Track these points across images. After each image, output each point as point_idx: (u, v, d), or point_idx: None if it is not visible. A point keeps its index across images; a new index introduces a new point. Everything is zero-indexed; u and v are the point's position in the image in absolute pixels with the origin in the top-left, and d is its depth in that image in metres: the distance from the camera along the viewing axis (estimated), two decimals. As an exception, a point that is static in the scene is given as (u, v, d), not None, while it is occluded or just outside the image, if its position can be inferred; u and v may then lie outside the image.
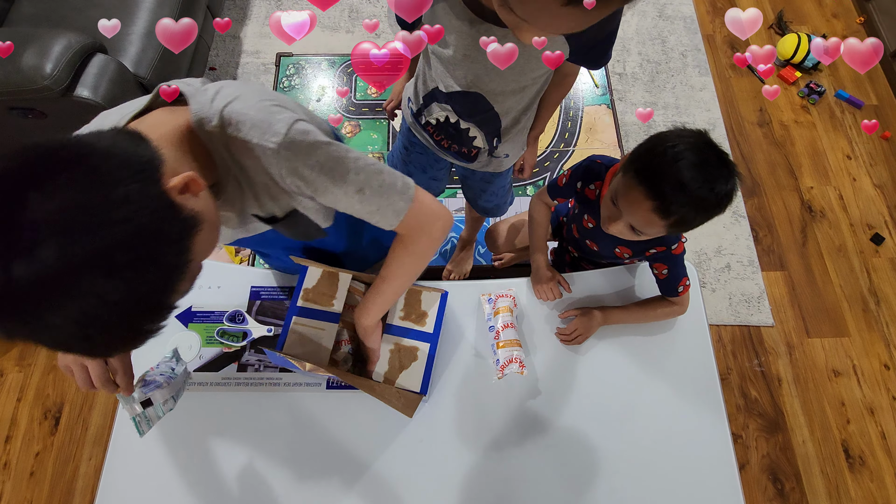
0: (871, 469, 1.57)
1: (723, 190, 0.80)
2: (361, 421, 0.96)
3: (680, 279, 1.00)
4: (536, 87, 0.97)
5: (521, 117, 1.03)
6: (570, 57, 0.86)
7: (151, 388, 0.78)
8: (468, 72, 0.89)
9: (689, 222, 0.83)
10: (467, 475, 0.93)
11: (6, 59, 1.36)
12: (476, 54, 0.85)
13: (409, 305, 0.91)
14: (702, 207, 0.81)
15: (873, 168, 2.05)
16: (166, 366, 0.85)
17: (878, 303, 1.81)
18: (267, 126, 0.60)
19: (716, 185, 0.79)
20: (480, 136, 1.04)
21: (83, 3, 1.68)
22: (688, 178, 0.78)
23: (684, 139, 0.81)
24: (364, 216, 0.71)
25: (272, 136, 0.59)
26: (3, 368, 1.66)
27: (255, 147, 0.60)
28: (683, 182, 0.78)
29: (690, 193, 0.79)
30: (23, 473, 1.53)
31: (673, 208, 0.80)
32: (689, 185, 0.78)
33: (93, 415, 1.60)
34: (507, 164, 1.16)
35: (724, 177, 0.80)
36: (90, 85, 1.44)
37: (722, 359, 1.71)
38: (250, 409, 0.97)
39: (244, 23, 2.31)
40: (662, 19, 2.36)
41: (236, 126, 0.59)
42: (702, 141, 0.82)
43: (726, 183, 0.80)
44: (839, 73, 2.25)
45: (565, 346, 1.03)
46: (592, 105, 2.14)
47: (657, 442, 0.96)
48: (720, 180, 0.80)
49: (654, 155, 0.82)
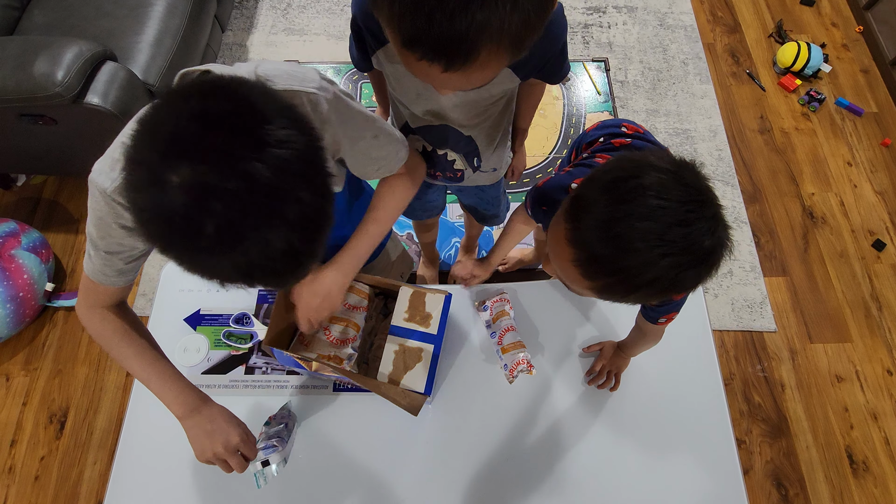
0: (875, 475, 1.57)
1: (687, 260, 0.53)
2: (368, 423, 0.97)
3: (669, 312, 0.82)
4: (500, 106, 0.94)
5: (496, 134, 1.01)
6: (524, 78, 0.85)
7: (269, 451, 0.82)
8: (426, 109, 0.91)
9: (619, 294, 0.58)
10: (473, 475, 0.93)
11: (18, 66, 1.39)
12: (428, 92, 0.86)
13: (413, 307, 0.92)
14: (647, 282, 0.54)
15: (874, 175, 2.06)
16: (279, 422, 0.89)
17: (880, 308, 1.81)
18: (302, 75, 0.65)
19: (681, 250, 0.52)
20: (460, 160, 1.05)
21: (93, 13, 1.71)
22: (638, 234, 0.52)
23: (656, 170, 0.55)
24: (374, 161, 0.80)
25: (309, 82, 0.65)
26: (9, 372, 1.67)
27: (294, 94, 0.64)
28: (630, 238, 0.53)
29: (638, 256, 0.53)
30: (27, 478, 1.54)
31: (595, 270, 0.57)
32: (636, 246, 0.53)
33: (97, 419, 1.61)
34: (497, 175, 1.16)
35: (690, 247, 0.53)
36: (100, 92, 1.46)
37: (725, 364, 1.72)
38: (258, 412, 0.98)
39: (251, 31, 2.34)
40: (663, 28, 2.38)
41: (273, 80, 0.63)
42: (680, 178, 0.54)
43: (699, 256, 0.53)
44: (839, 81, 2.27)
45: (579, 354, 1.03)
46: (595, 112, 2.16)
47: (661, 446, 0.97)
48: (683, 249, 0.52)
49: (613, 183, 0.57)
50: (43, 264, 1.66)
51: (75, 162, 1.76)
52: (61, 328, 1.74)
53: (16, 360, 1.69)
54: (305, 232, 0.47)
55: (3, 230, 1.64)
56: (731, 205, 1.98)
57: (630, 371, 1.02)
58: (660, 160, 0.56)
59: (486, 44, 0.48)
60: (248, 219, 0.43)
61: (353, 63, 0.91)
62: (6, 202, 1.95)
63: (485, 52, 0.49)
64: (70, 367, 1.68)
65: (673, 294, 0.59)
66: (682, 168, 0.55)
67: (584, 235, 0.57)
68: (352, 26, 0.85)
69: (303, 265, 0.50)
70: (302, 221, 0.46)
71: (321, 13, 2.39)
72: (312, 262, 0.51)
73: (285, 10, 2.40)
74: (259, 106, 0.45)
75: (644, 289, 0.55)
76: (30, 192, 1.96)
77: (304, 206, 0.45)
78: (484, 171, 1.10)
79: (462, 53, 0.49)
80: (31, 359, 1.69)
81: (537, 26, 0.51)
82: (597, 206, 0.56)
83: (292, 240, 0.46)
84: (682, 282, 0.55)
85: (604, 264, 0.56)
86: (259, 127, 0.43)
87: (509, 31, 0.48)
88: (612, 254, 0.54)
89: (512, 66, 0.79)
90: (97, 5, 1.72)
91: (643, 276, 0.54)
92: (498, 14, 0.47)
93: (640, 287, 0.55)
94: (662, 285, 0.55)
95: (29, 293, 1.60)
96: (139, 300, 1.78)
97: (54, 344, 1.71)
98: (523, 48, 0.52)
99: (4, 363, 1.68)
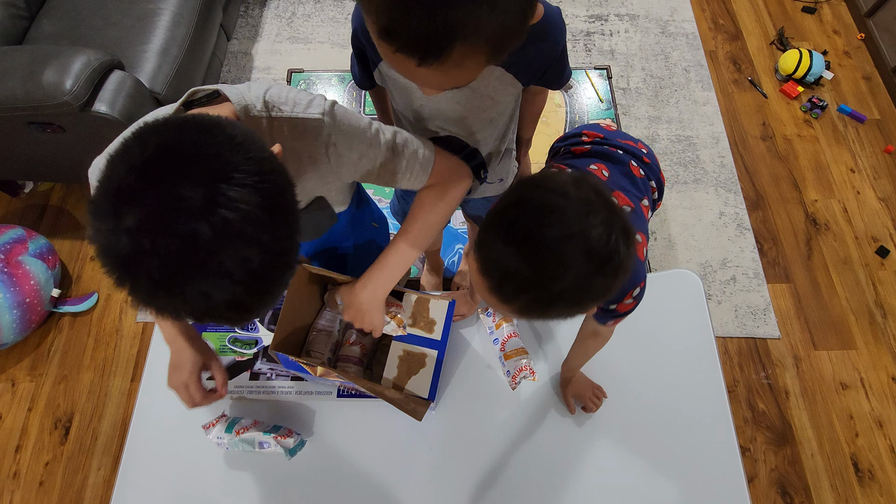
0: (881, 483, 1.56)
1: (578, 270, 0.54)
2: (372, 429, 0.97)
3: (616, 318, 0.82)
4: (506, 116, 0.94)
5: (500, 146, 1.01)
6: (526, 84, 0.85)
7: None
8: (430, 122, 0.91)
9: (538, 311, 0.59)
10: (476, 481, 0.94)
11: (27, 75, 1.41)
12: (431, 104, 0.86)
13: (417, 314, 0.93)
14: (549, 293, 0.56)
15: (877, 181, 2.06)
16: None
17: (884, 315, 1.81)
18: (308, 102, 0.66)
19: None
20: None
21: (101, 22, 1.73)
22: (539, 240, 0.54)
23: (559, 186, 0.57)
24: (395, 174, 0.77)
25: (315, 108, 0.66)
26: (15, 378, 1.68)
27: (300, 122, 0.65)
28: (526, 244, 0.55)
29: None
30: (32, 483, 1.54)
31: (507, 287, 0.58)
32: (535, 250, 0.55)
33: (102, 425, 1.62)
34: (503, 186, 1.16)
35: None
36: (108, 101, 1.48)
37: (729, 371, 1.71)
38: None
39: (255, 40, 2.37)
40: (665, 36, 2.40)
41: (279, 107, 0.64)
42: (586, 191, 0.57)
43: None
44: (841, 88, 2.28)
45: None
46: (597, 119, 2.17)
47: (665, 453, 0.97)
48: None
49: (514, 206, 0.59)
50: (49, 270, 1.68)
51: (82, 169, 1.75)
52: (67, 334, 1.75)
53: (21, 365, 1.70)
54: (253, 285, 0.47)
55: (10, 237, 1.65)
56: (733, 211, 1.98)
57: (633, 377, 1.02)
58: (547, 181, 0.59)
59: (460, 42, 0.49)
60: (186, 272, 0.44)
61: (355, 81, 0.92)
62: (13, 208, 1.97)
63: (459, 50, 0.50)
64: (75, 372, 1.69)
65: (590, 305, 0.61)
66: (571, 185, 0.58)
67: (491, 261, 0.58)
68: (353, 42, 0.86)
69: (253, 312, 0.50)
70: (248, 277, 0.46)
71: (325, 22, 2.42)
72: (266, 308, 0.51)
73: (290, 18, 2.42)
74: (223, 159, 0.45)
75: (559, 302, 0.57)
76: (37, 199, 1.98)
77: (251, 263, 0.45)
78: (490, 183, 1.10)
79: (435, 50, 0.50)
80: (36, 364, 1.70)
81: (517, 32, 0.52)
82: (495, 231, 0.58)
83: (236, 292, 0.46)
84: (593, 290, 0.56)
85: (512, 284, 0.57)
86: (213, 184, 0.44)
87: (485, 32, 0.49)
88: (517, 269, 0.56)
89: (514, 72, 0.80)
90: (105, 15, 1.75)
91: (553, 288, 0.55)
92: (474, 14, 0.47)
93: (555, 301, 0.56)
94: (575, 297, 0.56)
95: (35, 299, 1.62)
96: (144, 306, 1.79)
97: (60, 349, 1.73)
98: (503, 51, 0.53)
99: (10, 368, 1.69)
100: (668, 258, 1.89)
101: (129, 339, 1.75)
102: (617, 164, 0.91)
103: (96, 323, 1.77)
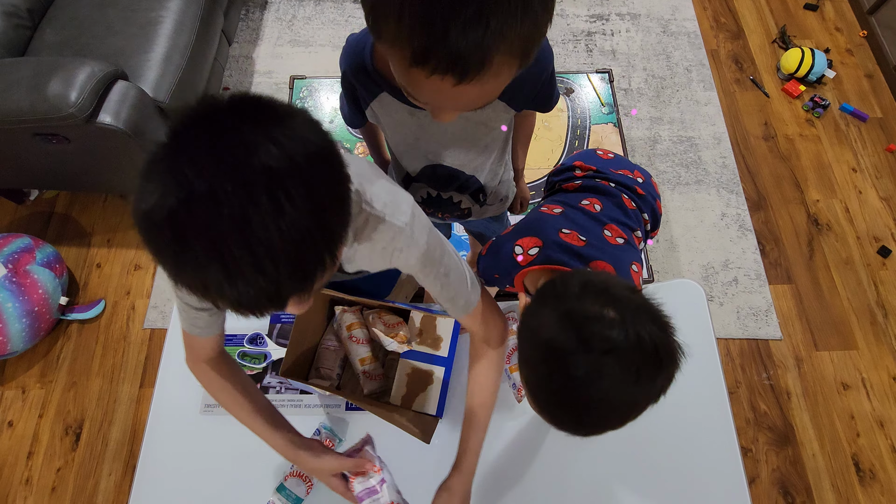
0: (882, 483, 1.58)
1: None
2: (379, 442, 0.98)
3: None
4: (500, 140, 0.95)
5: (498, 169, 1.02)
6: (518, 109, 0.85)
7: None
8: (426, 154, 0.91)
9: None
10: (482, 494, 0.95)
11: (32, 88, 1.42)
12: (426, 136, 0.86)
13: (424, 330, 0.94)
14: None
15: (879, 181, 2.07)
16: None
17: (885, 315, 1.82)
18: (395, 206, 0.64)
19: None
20: (466, 199, 1.06)
21: (104, 31, 1.74)
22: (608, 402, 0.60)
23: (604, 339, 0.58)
24: (439, 298, 0.75)
25: (401, 215, 0.64)
26: (25, 385, 1.71)
27: (384, 224, 0.63)
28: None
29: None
30: (44, 489, 1.57)
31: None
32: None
33: (112, 431, 1.64)
34: (505, 205, 1.18)
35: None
36: (112, 111, 1.48)
37: (730, 372, 1.73)
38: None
39: (256, 44, 2.37)
40: (667, 35, 2.39)
41: (370, 203, 0.63)
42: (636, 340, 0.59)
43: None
44: (843, 87, 2.28)
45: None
46: (599, 124, 2.17)
47: (666, 456, 0.98)
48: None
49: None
50: (57, 279, 1.70)
51: (88, 178, 1.79)
52: (75, 341, 1.77)
53: (31, 373, 1.72)
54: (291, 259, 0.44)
55: (18, 246, 1.67)
56: (735, 212, 1.99)
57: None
58: (587, 331, 0.58)
59: (499, 51, 0.49)
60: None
61: (346, 121, 0.92)
62: (19, 216, 1.98)
63: (498, 59, 0.49)
64: (84, 379, 1.72)
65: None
66: (617, 327, 0.58)
67: (545, 413, 0.63)
68: (342, 84, 0.85)
69: (283, 290, 0.46)
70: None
71: (326, 24, 2.42)
72: (294, 291, 0.47)
73: (290, 21, 2.42)
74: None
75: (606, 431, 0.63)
76: (42, 207, 2.00)
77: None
78: (491, 204, 1.11)
79: (477, 63, 0.48)
80: (46, 371, 1.72)
81: (543, 29, 0.52)
82: (545, 385, 0.62)
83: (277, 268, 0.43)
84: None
85: (566, 428, 0.62)
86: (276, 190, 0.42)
87: (521, 35, 0.49)
88: (574, 429, 0.62)
89: (506, 99, 0.81)
90: (107, 24, 1.75)
91: (604, 429, 0.61)
92: (510, 20, 0.47)
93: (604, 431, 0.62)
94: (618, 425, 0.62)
95: (44, 307, 1.63)
96: (151, 313, 1.81)
97: (69, 357, 1.75)
98: (531, 55, 0.53)
99: (20, 376, 1.72)
100: (671, 260, 1.90)
101: (136, 346, 1.77)
102: (609, 196, 0.93)
103: (104, 330, 1.79)
